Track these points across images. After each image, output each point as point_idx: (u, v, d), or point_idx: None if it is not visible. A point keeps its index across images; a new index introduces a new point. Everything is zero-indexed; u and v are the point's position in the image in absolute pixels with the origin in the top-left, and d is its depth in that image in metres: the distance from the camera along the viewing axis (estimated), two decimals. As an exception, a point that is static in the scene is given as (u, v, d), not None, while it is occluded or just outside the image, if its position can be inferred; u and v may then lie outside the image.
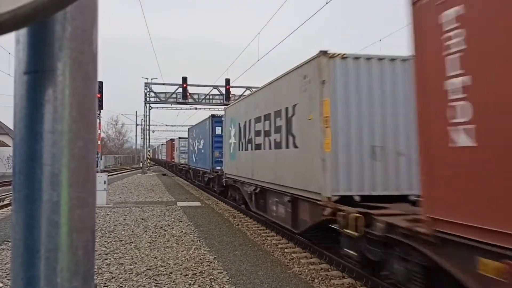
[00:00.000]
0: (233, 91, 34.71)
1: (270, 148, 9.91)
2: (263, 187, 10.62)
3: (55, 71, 0.77)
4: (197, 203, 16.76)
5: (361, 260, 6.06)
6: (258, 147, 10.96)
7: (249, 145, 11.83)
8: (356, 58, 7.06)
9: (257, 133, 11.03)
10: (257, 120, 10.96)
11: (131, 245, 8.95)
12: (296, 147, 8.21)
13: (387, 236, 5.17)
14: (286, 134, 8.75)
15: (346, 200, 6.72)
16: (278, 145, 9.30)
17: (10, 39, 0.82)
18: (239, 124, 12.98)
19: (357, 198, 6.79)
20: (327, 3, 10.74)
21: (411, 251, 4.80)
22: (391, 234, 5.10)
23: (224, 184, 15.72)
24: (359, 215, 5.74)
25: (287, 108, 8.66)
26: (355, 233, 5.72)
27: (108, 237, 9.79)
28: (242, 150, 12.72)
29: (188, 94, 34.95)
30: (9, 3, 0.60)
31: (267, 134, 10.14)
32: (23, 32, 0.78)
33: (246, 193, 12.45)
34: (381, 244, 5.47)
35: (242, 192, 13.08)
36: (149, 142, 47.32)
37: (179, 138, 35.28)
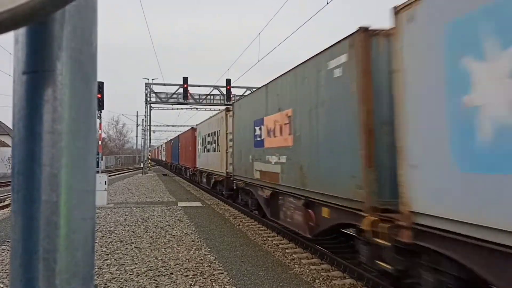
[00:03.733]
0: (233, 91, 34.71)
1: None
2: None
3: (55, 71, 0.76)
4: (198, 204, 16.75)
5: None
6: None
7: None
8: None
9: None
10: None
11: (131, 245, 8.95)
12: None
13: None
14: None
15: None
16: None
17: (11, 39, 0.82)
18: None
19: None
20: (327, 3, 10.73)
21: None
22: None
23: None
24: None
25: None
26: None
27: (109, 237, 9.79)
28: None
29: (188, 94, 34.95)
30: (8, 2, 0.60)
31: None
32: (22, 31, 0.77)
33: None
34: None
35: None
36: (149, 142, 47.36)
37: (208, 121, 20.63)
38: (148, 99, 37.38)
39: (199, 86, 36.33)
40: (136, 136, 51.78)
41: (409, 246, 4.57)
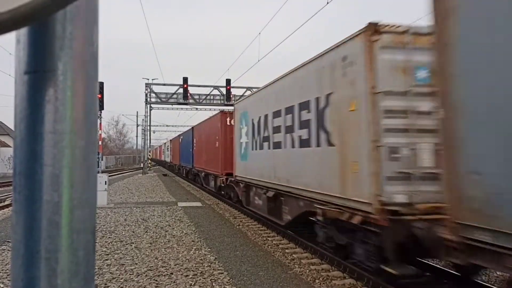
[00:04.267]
0: (233, 91, 34.71)
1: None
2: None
3: (56, 71, 0.76)
4: (198, 204, 16.75)
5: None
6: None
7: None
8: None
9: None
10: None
11: (131, 245, 8.94)
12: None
13: None
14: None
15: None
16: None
17: (12, 39, 0.82)
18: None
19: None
20: (327, 3, 10.74)
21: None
22: None
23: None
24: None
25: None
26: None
27: (109, 237, 9.79)
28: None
29: (188, 94, 34.95)
30: (9, 2, 0.60)
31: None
32: (23, 31, 0.77)
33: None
34: None
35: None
36: (150, 142, 47.33)
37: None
38: (148, 99, 37.38)
39: (199, 86, 36.34)
40: (136, 136, 51.74)
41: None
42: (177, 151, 34.00)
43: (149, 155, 51.40)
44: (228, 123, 15.78)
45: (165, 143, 55.66)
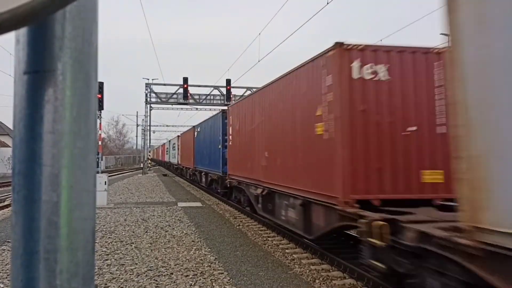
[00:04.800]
0: (234, 91, 34.72)
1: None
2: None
3: (55, 71, 0.76)
4: (198, 204, 16.75)
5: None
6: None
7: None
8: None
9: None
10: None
11: (131, 245, 8.94)
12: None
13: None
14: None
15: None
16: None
17: (11, 39, 0.82)
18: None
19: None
20: (328, 3, 10.73)
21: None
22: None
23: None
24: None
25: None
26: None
27: (109, 237, 9.79)
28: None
29: (188, 94, 34.95)
30: (9, 2, 0.60)
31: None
32: (22, 32, 0.77)
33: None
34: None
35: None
36: (149, 142, 47.33)
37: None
38: (148, 99, 37.39)
39: (199, 86, 36.35)
40: (136, 136, 51.79)
41: None
42: (191, 150, 25.16)
43: (149, 155, 51.37)
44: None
45: (169, 140, 45.89)
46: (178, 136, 35.84)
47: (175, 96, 36.47)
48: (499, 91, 3.16)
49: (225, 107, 19.35)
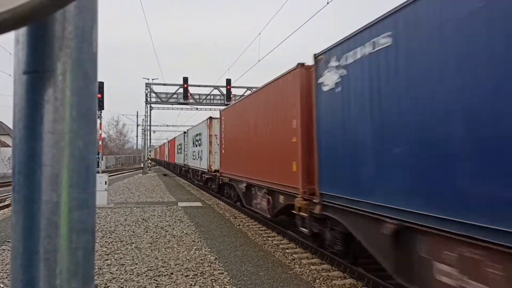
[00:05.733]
0: (234, 91, 34.74)
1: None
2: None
3: (55, 71, 0.76)
4: (198, 204, 16.75)
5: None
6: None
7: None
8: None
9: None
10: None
11: (132, 245, 8.95)
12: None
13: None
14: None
15: None
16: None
17: (11, 39, 0.82)
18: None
19: None
20: (328, 3, 10.73)
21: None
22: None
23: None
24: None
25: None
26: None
27: (109, 237, 9.79)
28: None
29: (189, 94, 34.97)
30: (8, 2, 0.60)
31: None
32: (22, 31, 0.77)
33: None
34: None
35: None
36: (150, 142, 47.32)
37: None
38: (148, 99, 37.40)
39: (199, 86, 36.36)
40: (136, 136, 51.74)
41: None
42: (235, 143, 14.57)
43: (150, 155, 51.27)
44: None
45: (175, 137, 39.02)
46: (194, 126, 24.68)
47: (175, 96, 36.48)
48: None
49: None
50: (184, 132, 30.44)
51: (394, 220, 4.88)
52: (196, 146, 23.28)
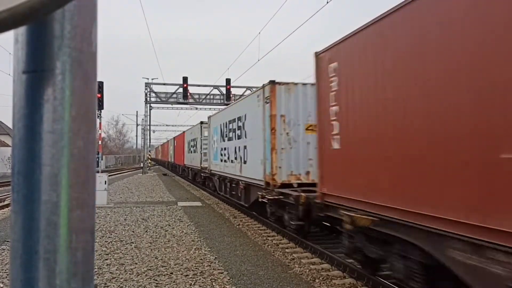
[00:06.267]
0: (233, 91, 34.73)
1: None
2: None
3: (54, 70, 0.76)
4: (198, 203, 16.75)
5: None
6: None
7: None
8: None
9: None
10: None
11: (131, 245, 8.94)
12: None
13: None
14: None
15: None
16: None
17: (10, 38, 0.82)
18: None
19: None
20: (327, 2, 10.72)
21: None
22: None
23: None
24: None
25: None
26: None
27: (109, 237, 9.79)
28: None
29: (188, 94, 34.95)
30: (7, 1, 0.60)
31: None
32: (21, 31, 0.77)
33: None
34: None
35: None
36: (149, 142, 47.31)
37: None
38: (148, 98, 37.38)
39: (199, 85, 36.35)
40: (136, 135, 51.77)
41: None
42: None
43: (149, 155, 51.19)
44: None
45: (185, 131, 30.45)
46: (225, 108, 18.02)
47: (174, 95, 36.47)
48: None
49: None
50: (202, 122, 22.00)
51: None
52: (231, 139, 14.64)
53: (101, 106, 23.03)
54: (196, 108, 39.25)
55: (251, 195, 12.13)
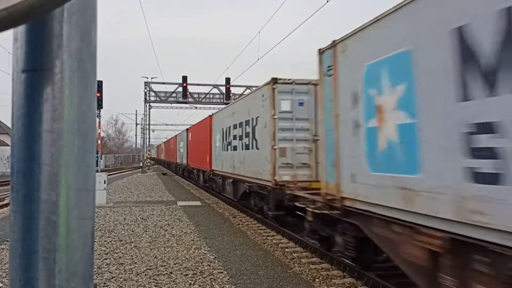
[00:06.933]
0: (233, 90, 34.75)
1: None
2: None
3: (54, 69, 0.76)
4: (197, 203, 16.75)
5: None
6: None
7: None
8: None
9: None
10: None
11: (131, 244, 8.94)
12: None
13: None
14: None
15: None
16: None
17: (10, 38, 0.81)
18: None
19: None
20: (327, 1, 10.72)
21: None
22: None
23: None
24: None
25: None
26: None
27: (108, 236, 9.78)
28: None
29: (188, 93, 34.96)
30: (6, 0, 0.59)
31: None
32: (21, 30, 0.77)
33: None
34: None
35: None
36: (149, 141, 47.31)
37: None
38: (147, 98, 37.37)
39: (198, 85, 36.35)
40: (136, 135, 51.77)
41: None
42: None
43: (149, 154, 51.18)
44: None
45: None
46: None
47: (174, 94, 36.46)
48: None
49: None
50: (275, 80, 10.19)
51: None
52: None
53: (100, 105, 23.03)
54: (196, 107, 39.26)
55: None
